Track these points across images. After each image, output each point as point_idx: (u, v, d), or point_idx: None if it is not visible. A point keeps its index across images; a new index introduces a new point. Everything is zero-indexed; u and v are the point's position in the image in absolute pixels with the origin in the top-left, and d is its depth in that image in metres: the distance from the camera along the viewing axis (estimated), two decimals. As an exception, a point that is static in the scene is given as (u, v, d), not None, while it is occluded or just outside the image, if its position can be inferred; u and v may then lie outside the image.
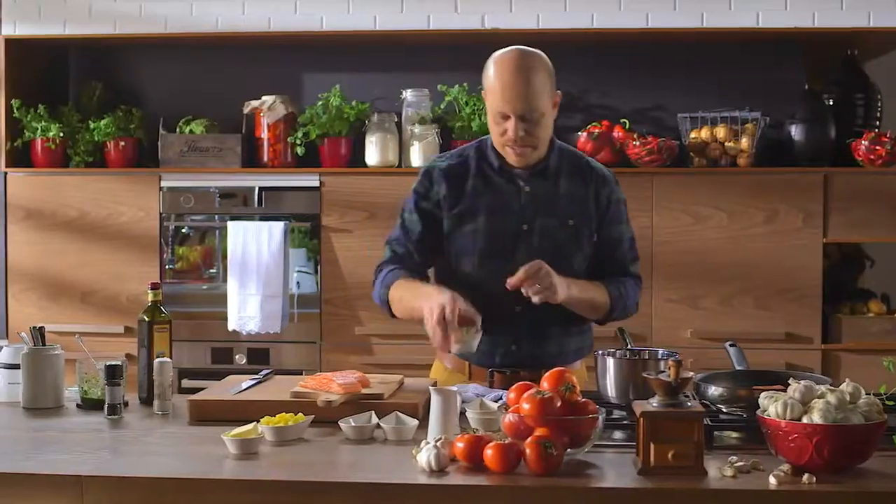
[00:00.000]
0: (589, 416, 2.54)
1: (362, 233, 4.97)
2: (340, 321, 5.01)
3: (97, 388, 3.15)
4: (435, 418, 2.68)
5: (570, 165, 3.31)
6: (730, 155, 4.93)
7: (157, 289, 3.27)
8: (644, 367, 2.96)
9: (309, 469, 2.51)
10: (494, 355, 3.26)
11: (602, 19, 4.90)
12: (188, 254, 5.15)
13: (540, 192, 3.25)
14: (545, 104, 3.15)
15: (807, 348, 4.84)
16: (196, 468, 2.51)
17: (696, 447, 2.42)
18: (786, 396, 2.47)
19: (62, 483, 2.42)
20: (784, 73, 5.10)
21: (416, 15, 4.95)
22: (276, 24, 5.01)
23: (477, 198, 3.25)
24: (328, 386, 2.99)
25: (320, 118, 5.03)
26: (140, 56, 5.39)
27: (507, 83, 3.12)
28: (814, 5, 4.82)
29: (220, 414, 2.95)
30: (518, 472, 2.43)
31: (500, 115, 3.16)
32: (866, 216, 4.82)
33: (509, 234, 3.24)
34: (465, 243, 3.25)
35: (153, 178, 5.06)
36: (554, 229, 3.25)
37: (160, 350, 3.21)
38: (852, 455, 2.41)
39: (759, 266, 4.87)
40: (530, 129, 3.15)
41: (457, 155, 3.34)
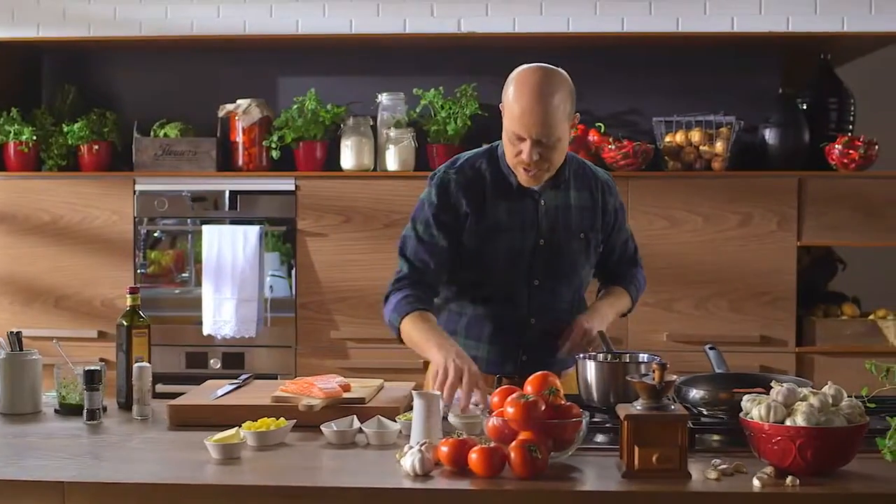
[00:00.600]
0: (573, 419, 2.54)
1: (338, 237, 4.96)
2: (316, 325, 4.99)
3: (75, 393, 3.13)
4: (418, 422, 2.67)
5: (577, 175, 3.31)
6: (704, 159, 4.95)
7: (136, 293, 3.26)
8: (625, 371, 2.97)
9: (292, 474, 2.50)
10: (504, 364, 3.26)
11: (578, 23, 4.90)
12: (162, 258, 5.12)
13: (554, 205, 3.24)
14: (563, 129, 3.09)
15: (781, 351, 4.86)
16: (179, 473, 2.50)
17: (680, 450, 2.43)
18: (769, 399, 2.48)
19: (44, 489, 2.41)
20: (758, 78, 5.13)
21: (392, 18, 4.94)
22: (251, 28, 4.98)
23: (496, 214, 3.21)
24: (309, 390, 2.98)
25: (296, 122, 5.02)
26: (114, 59, 5.36)
27: (525, 108, 3.04)
28: (788, 10, 4.83)
29: (200, 419, 2.94)
30: (502, 476, 2.43)
31: (515, 135, 3.09)
32: (840, 220, 4.85)
33: (527, 250, 3.23)
34: (483, 256, 3.22)
35: (127, 182, 5.03)
36: (568, 244, 3.26)
37: (139, 354, 3.19)
38: (835, 457, 2.43)
39: (734, 269, 4.89)
40: (545, 154, 3.09)
41: (468, 166, 3.25)
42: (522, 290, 3.25)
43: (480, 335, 3.28)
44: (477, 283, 3.27)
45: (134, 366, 3.10)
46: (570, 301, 3.32)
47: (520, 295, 3.25)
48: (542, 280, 3.25)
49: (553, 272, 3.26)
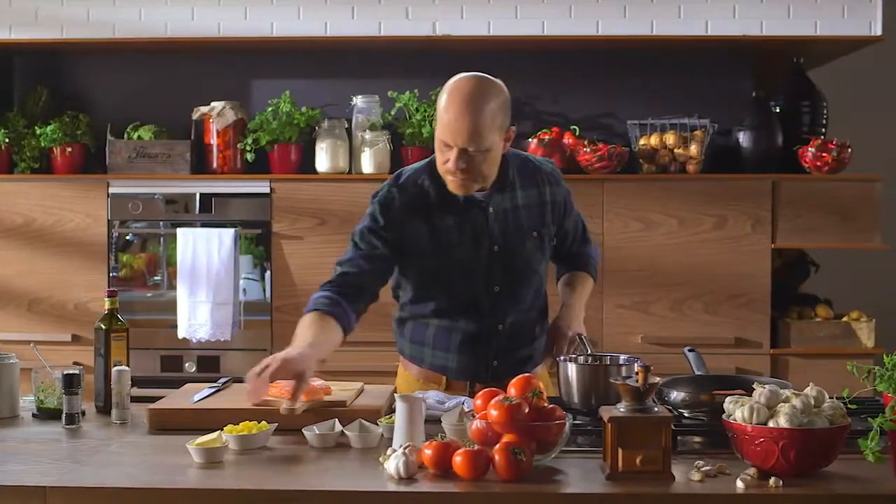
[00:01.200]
0: (556, 421, 2.54)
1: (313, 239, 4.95)
2: (291, 328, 4.89)
3: (54, 397, 3.11)
4: (400, 425, 2.66)
5: (521, 173, 3.27)
6: (679, 162, 4.97)
7: (114, 296, 3.24)
8: (606, 373, 2.98)
9: (276, 477, 2.49)
10: (477, 372, 3.25)
11: (553, 26, 4.91)
12: (136, 261, 5.09)
13: (502, 209, 3.21)
14: (492, 140, 3.04)
15: (756, 353, 4.89)
16: (161, 478, 2.48)
17: (664, 452, 2.44)
18: (751, 401, 2.49)
19: (25, 494, 2.39)
20: (732, 81, 5.16)
21: (367, 21, 4.93)
22: (225, 30, 4.97)
23: (445, 231, 3.18)
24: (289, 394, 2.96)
25: (270, 124, 5.01)
26: (87, 61, 5.33)
27: (454, 116, 3.00)
28: (762, 13, 4.86)
29: (180, 423, 2.92)
30: (486, 479, 2.43)
31: (443, 143, 3.05)
32: (814, 222, 4.88)
33: (482, 258, 3.20)
34: (438, 272, 3.21)
35: (101, 185, 5.00)
36: (522, 245, 3.24)
37: (117, 358, 3.16)
38: (818, 458, 2.44)
39: (709, 272, 4.91)
40: (471, 163, 3.04)
41: (411, 184, 3.21)
42: (484, 298, 3.23)
43: (448, 346, 3.27)
44: (438, 297, 3.26)
45: (113, 369, 3.08)
46: (532, 300, 3.31)
47: (482, 304, 3.23)
48: (501, 286, 3.23)
49: (511, 276, 3.24)
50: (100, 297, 4.86)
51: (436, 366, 3.29)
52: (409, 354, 3.34)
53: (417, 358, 3.32)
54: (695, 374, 3.09)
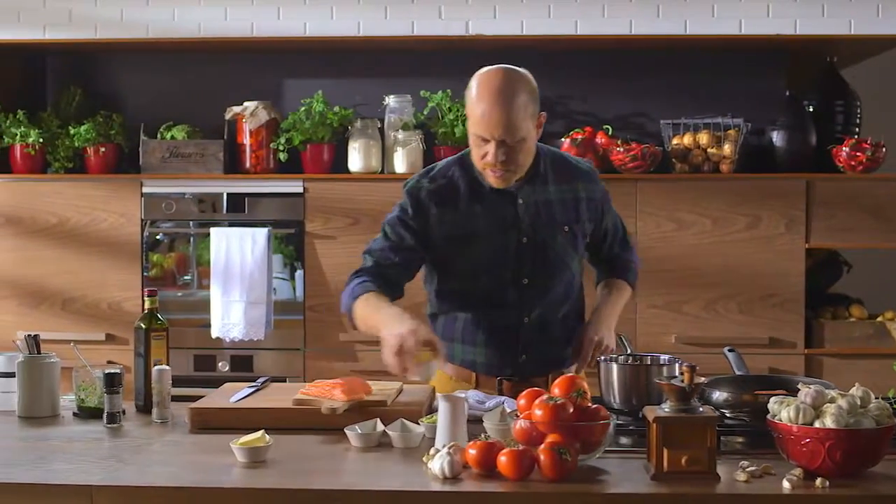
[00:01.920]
0: (601, 421, 2.54)
1: (346, 239, 4.95)
2: (324, 328, 4.98)
3: (94, 396, 3.12)
4: (443, 425, 2.66)
5: (555, 169, 3.28)
6: (712, 161, 4.95)
7: (154, 296, 3.25)
8: (648, 373, 2.97)
9: (319, 477, 2.49)
10: (503, 367, 3.25)
11: (586, 26, 4.90)
12: (167, 260, 5.11)
13: (533, 201, 3.22)
14: (527, 128, 3.07)
15: (790, 353, 4.87)
16: (205, 477, 2.49)
17: (709, 452, 2.43)
18: (797, 401, 2.48)
19: (72, 493, 2.41)
20: (765, 80, 5.14)
21: (400, 21, 4.94)
22: (258, 30, 4.98)
23: (473, 217, 3.20)
24: (330, 393, 2.97)
25: (303, 124, 5.01)
26: (120, 61, 5.34)
27: (487, 109, 3.04)
28: (796, 12, 4.85)
29: (221, 422, 2.93)
30: (531, 479, 2.42)
31: (479, 138, 3.08)
32: (848, 222, 4.85)
33: (511, 250, 3.21)
34: (466, 263, 3.22)
35: (134, 185, 5.01)
36: (551, 239, 3.24)
37: (157, 357, 3.18)
38: (864, 459, 2.43)
39: (743, 272, 4.89)
40: (510, 154, 3.07)
41: (441, 175, 3.24)
42: (512, 290, 3.22)
43: (476, 339, 3.27)
44: (466, 289, 3.26)
45: (153, 369, 3.09)
46: (563, 295, 3.30)
47: (510, 296, 3.23)
48: (530, 278, 3.23)
49: (541, 269, 3.23)
50: (133, 296, 4.98)
51: (465, 361, 3.29)
52: None
53: (448, 355, 3.32)
54: (735, 374, 3.08)
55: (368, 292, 3.14)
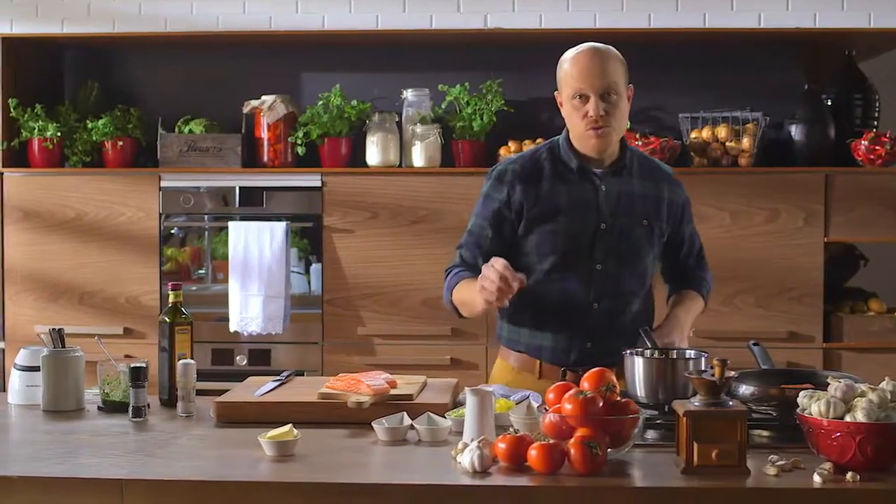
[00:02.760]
0: (630, 415, 2.54)
1: (364, 233, 4.95)
2: (342, 321, 4.99)
3: (119, 390, 3.13)
4: (471, 419, 2.66)
5: (640, 166, 3.35)
6: (731, 155, 4.94)
7: (178, 289, 3.25)
8: (674, 367, 2.96)
9: (349, 471, 2.49)
10: (570, 353, 3.26)
11: (605, 19, 4.90)
12: (185, 254, 5.11)
13: (615, 190, 3.27)
14: (622, 87, 3.21)
15: (809, 347, 4.86)
16: (235, 470, 2.49)
17: (739, 446, 2.43)
18: (827, 395, 2.47)
19: (103, 486, 2.41)
20: (783, 73, 5.13)
21: (419, 14, 4.94)
22: (276, 24, 4.98)
23: (555, 198, 3.25)
24: (356, 387, 2.97)
25: (321, 118, 5.01)
26: (138, 55, 5.35)
27: (584, 66, 3.17)
28: (815, 6, 4.84)
29: (247, 416, 2.94)
30: (561, 473, 2.42)
31: (579, 96, 3.18)
32: (867, 216, 4.84)
33: (588, 234, 3.25)
34: (543, 243, 3.25)
35: (153, 179, 5.02)
36: (630, 228, 3.27)
37: (181, 351, 3.18)
38: (894, 453, 2.42)
39: (761, 265, 4.88)
40: (610, 110, 3.18)
41: (528, 157, 3.33)
42: (584, 273, 3.24)
43: (544, 324, 3.28)
44: (539, 271, 3.27)
45: (178, 363, 3.09)
46: (634, 288, 3.32)
47: (582, 279, 3.24)
48: (604, 264, 3.25)
49: (616, 256, 3.26)
50: (151, 290, 4.99)
51: (531, 347, 3.31)
52: (507, 337, 3.37)
53: (514, 340, 3.35)
54: (761, 369, 3.07)
55: (463, 279, 3.24)
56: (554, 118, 5.14)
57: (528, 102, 5.17)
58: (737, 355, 3.26)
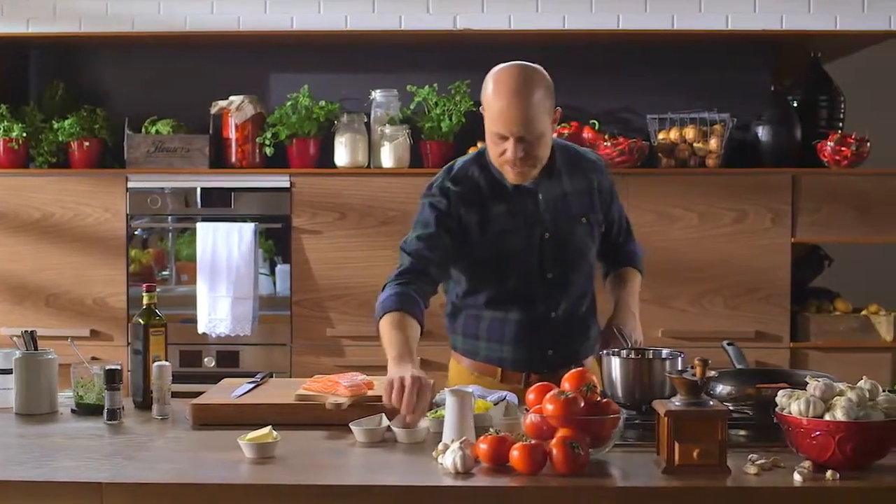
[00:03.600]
0: (611, 415, 2.54)
1: (333, 234, 4.94)
2: (311, 323, 4.97)
3: (93, 392, 3.10)
4: (451, 420, 2.66)
5: (568, 161, 3.30)
6: (698, 156, 4.97)
7: (153, 291, 3.22)
8: (650, 367, 2.97)
9: (330, 473, 2.48)
10: (532, 363, 3.26)
11: (573, 20, 4.90)
12: (147, 256, 5.07)
13: (552, 196, 3.24)
14: (544, 124, 3.10)
15: (776, 347, 4.89)
16: (215, 473, 2.47)
17: (720, 445, 2.44)
18: (807, 394, 2.49)
19: (81, 490, 2.38)
20: (751, 75, 5.17)
21: (388, 15, 4.92)
22: (245, 24, 4.95)
23: (499, 217, 3.21)
24: (334, 388, 2.96)
25: (289, 118, 4.99)
26: (105, 55, 5.30)
27: (505, 106, 3.05)
28: (782, 8, 4.87)
29: (223, 418, 2.92)
30: (543, 473, 2.42)
31: (498, 135, 3.10)
32: (833, 216, 4.89)
33: (535, 246, 3.23)
34: (494, 262, 3.23)
35: (119, 179, 4.98)
36: (571, 232, 3.27)
37: (156, 353, 3.16)
38: (873, 451, 2.45)
39: (729, 266, 4.92)
40: (529, 150, 3.09)
41: (462, 176, 3.24)
42: (537, 286, 3.25)
43: (503, 337, 3.27)
44: (493, 288, 3.27)
45: (153, 365, 3.07)
46: (585, 288, 3.33)
47: (535, 292, 3.25)
48: (554, 273, 3.25)
49: (564, 263, 3.26)
50: (118, 292, 4.96)
51: (491, 358, 3.30)
52: (462, 349, 3.34)
53: (471, 352, 3.33)
54: (737, 368, 3.09)
55: (397, 311, 3.08)
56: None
57: (496, 103, 5.16)
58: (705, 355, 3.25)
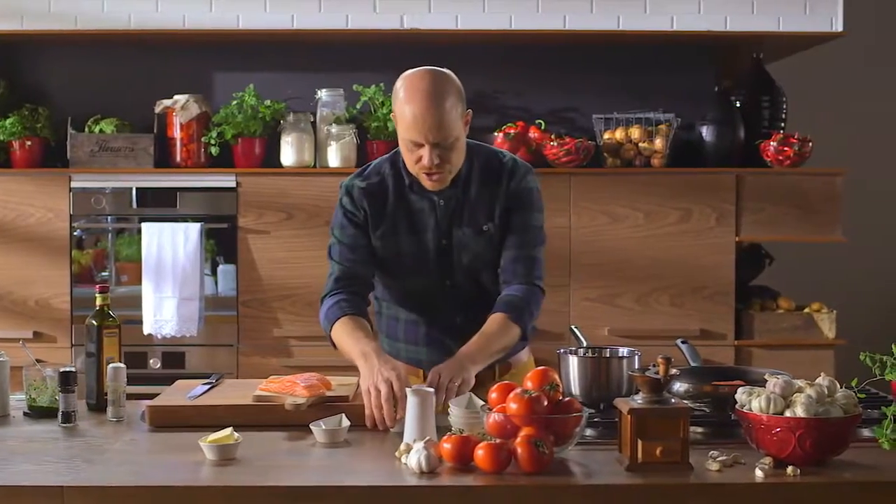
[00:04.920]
0: (574, 414, 2.56)
1: (280, 234, 4.92)
2: (258, 323, 4.94)
3: (46, 395, 3.06)
4: (412, 419, 2.66)
5: (481, 168, 3.23)
6: (644, 156, 5.01)
7: (106, 292, 3.18)
8: (608, 366, 2.99)
9: (294, 473, 2.47)
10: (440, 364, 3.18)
11: (520, 20, 4.92)
12: (94, 256, 5.01)
13: (453, 203, 3.20)
14: (458, 129, 3.08)
15: (721, 345, 4.95)
16: (178, 475, 2.45)
17: (682, 443, 2.46)
18: (767, 391, 2.52)
19: (43, 494, 2.35)
20: (695, 75, 5.22)
21: (335, 14, 4.91)
22: (190, 22, 4.90)
23: (397, 218, 3.20)
24: (292, 389, 2.95)
25: (235, 118, 4.96)
26: (47, 53, 5.23)
27: (418, 113, 3.02)
28: (726, 9, 4.92)
29: (181, 419, 2.89)
30: (507, 472, 2.43)
31: (412, 143, 3.08)
32: (776, 215, 4.95)
33: (431, 251, 3.21)
34: (391, 262, 3.24)
35: (62, 179, 4.91)
36: (470, 240, 3.21)
37: (110, 355, 3.12)
38: (832, 447, 2.48)
39: (675, 264, 4.96)
40: (444, 155, 3.07)
41: (374, 173, 3.25)
42: (438, 292, 3.24)
43: (417, 339, 3.29)
44: (401, 290, 3.29)
45: (108, 367, 3.03)
46: (491, 296, 3.23)
47: (438, 297, 3.24)
48: (453, 280, 3.24)
49: (462, 271, 3.23)
50: (61, 293, 4.90)
51: (411, 360, 3.30)
52: (387, 350, 3.31)
53: (393, 354, 3.30)
54: (692, 366, 3.12)
55: (344, 315, 3.14)
56: (469, 119, 5.18)
57: (443, 103, 5.17)
58: (651, 353, 3.27)
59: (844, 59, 5.75)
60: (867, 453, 2.55)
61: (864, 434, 2.67)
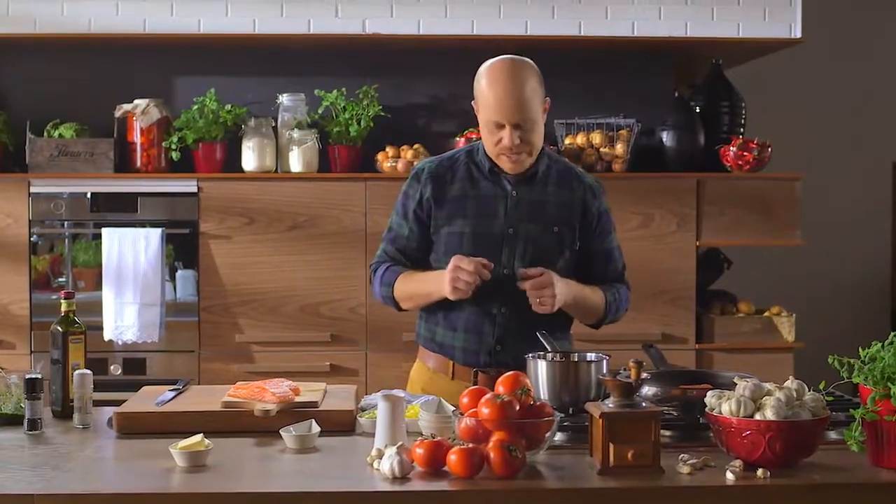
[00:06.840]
0: (546, 418, 2.56)
1: (241, 239, 4.90)
2: (219, 329, 4.92)
3: (10, 402, 3.03)
4: (383, 424, 2.66)
5: (558, 173, 3.36)
6: (605, 160, 5.04)
7: (71, 298, 3.16)
8: (577, 370, 3.00)
9: (266, 479, 2.46)
10: (479, 354, 3.29)
11: (482, 26, 4.94)
12: (51, 262, 4.96)
13: (527, 197, 3.29)
14: (537, 112, 3.22)
15: (682, 348, 4.98)
16: (149, 482, 2.43)
17: (654, 446, 2.48)
18: (737, 394, 2.54)
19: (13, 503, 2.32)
20: (655, 81, 5.25)
21: (297, 19, 4.90)
22: (151, 26, 4.88)
23: (464, 199, 3.29)
24: (261, 395, 2.94)
25: (196, 122, 4.93)
26: (6, 56, 5.17)
27: (501, 94, 3.18)
28: (686, 16, 4.96)
29: (149, 426, 2.88)
30: (480, 477, 2.43)
31: (494, 124, 3.20)
32: (736, 220, 4.99)
33: (494, 238, 3.27)
34: (450, 244, 3.28)
35: (21, 184, 4.87)
36: (538, 234, 3.29)
37: (75, 361, 3.10)
38: (801, 449, 2.51)
39: (636, 269, 4.89)
40: (525, 137, 3.20)
41: (448, 158, 3.38)
42: (492, 278, 3.21)
43: (456, 324, 3.31)
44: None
45: (74, 373, 3.02)
46: None
47: (489, 284, 3.21)
48: (511, 270, 3.27)
49: (522, 262, 3.27)
50: (20, 299, 4.86)
51: (445, 347, 3.33)
52: (424, 336, 3.39)
53: (429, 339, 3.37)
54: (659, 370, 3.13)
55: (400, 274, 3.30)
56: (431, 123, 5.19)
57: (405, 108, 5.19)
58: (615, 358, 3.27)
59: (803, 65, 5.82)
60: (836, 455, 2.58)
61: (832, 436, 2.70)
